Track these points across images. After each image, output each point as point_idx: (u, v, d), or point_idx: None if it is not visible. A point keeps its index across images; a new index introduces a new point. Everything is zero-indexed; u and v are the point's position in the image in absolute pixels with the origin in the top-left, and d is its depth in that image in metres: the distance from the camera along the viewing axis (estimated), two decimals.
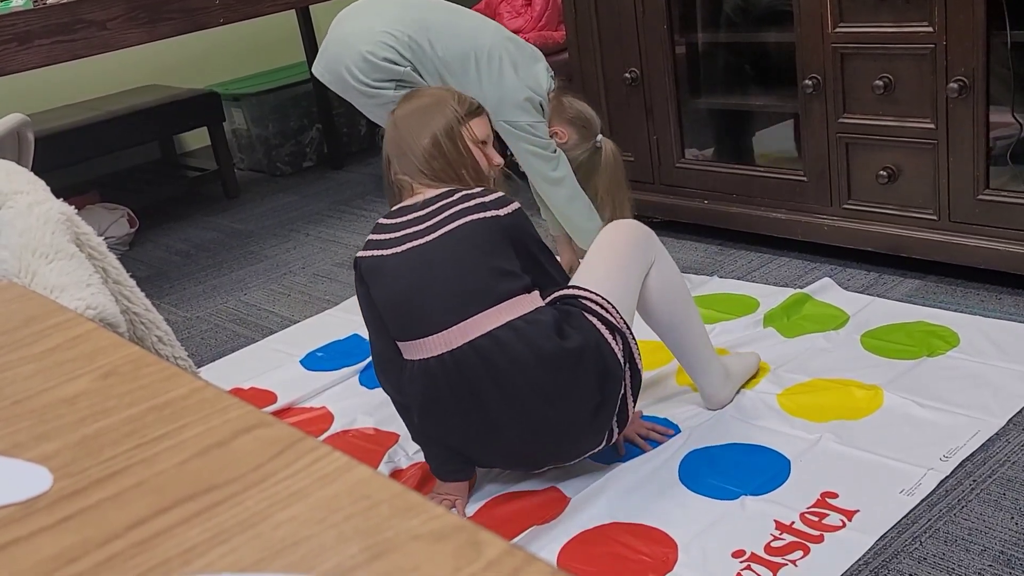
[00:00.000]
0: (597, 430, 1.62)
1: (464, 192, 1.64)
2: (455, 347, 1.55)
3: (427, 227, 1.61)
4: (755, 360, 1.96)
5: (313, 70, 2.40)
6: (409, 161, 1.71)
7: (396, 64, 2.20)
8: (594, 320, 1.59)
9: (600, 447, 1.66)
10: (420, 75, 2.22)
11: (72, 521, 0.44)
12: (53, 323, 0.66)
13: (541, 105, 2.27)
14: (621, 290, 1.66)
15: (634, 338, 1.65)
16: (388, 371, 1.67)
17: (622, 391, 1.62)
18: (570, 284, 1.67)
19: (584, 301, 1.61)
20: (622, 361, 1.60)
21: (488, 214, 1.60)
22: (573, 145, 2.30)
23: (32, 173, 1.06)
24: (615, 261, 1.69)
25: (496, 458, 1.69)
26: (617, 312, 1.62)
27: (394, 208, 1.69)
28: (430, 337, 1.57)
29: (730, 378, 1.87)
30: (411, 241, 1.60)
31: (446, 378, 1.57)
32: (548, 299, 1.63)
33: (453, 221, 1.59)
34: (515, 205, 1.64)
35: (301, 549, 0.40)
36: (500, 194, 1.66)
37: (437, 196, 1.64)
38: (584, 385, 1.57)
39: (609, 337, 1.58)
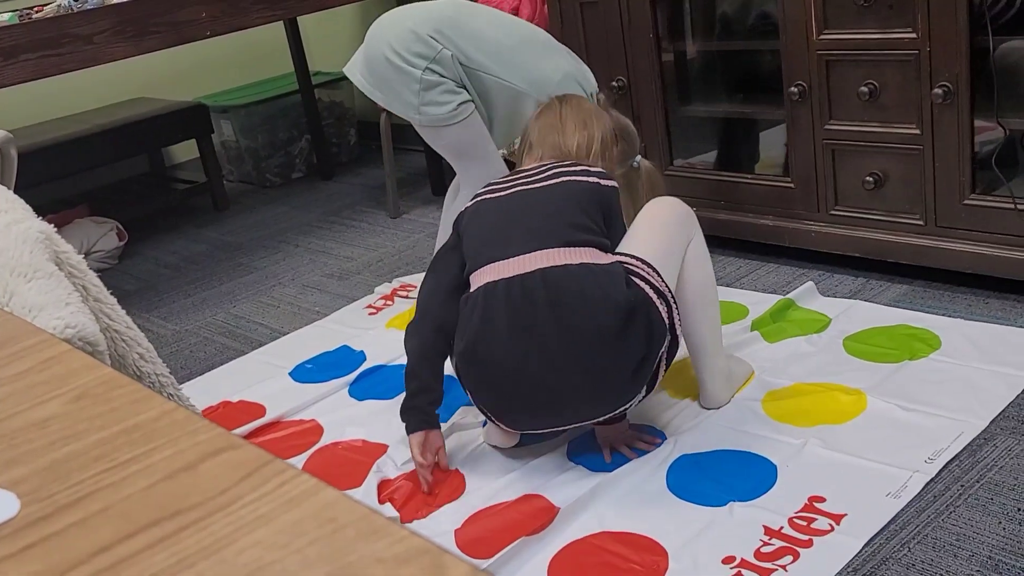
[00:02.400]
0: (634, 386, 1.65)
1: (575, 161, 1.84)
2: (528, 271, 1.63)
3: (534, 179, 1.79)
4: (748, 368, 1.97)
5: (345, 69, 2.41)
6: (562, 141, 1.91)
7: (436, 41, 2.20)
8: (641, 284, 1.64)
9: (629, 406, 1.68)
10: (459, 61, 2.21)
11: (37, 548, 0.44)
12: (27, 345, 0.66)
13: (591, 96, 2.26)
14: (664, 259, 1.72)
15: (677, 307, 1.69)
16: (429, 314, 1.73)
17: (663, 353, 1.66)
18: (617, 251, 1.71)
19: (631, 266, 1.66)
20: (667, 325, 1.64)
21: (591, 179, 1.77)
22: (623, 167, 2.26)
23: (11, 192, 1.06)
24: (660, 232, 1.76)
25: (526, 401, 1.65)
26: (663, 279, 1.67)
27: (510, 173, 1.89)
28: (506, 261, 1.66)
29: (731, 380, 1.89)
30: (517, 187, 1.79)
31: (507, 301, 1.61)
32: None
33: (558, 177, 1.78)
34: (615, 183, 1.80)
35: (265, 575, 0.40)
36: (605, 171, 1.82)
37: (552, 163, 1.84)
38: (634, 336, 1.60)
39: (656, 300, 1.63)
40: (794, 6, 2.22)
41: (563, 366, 1.60)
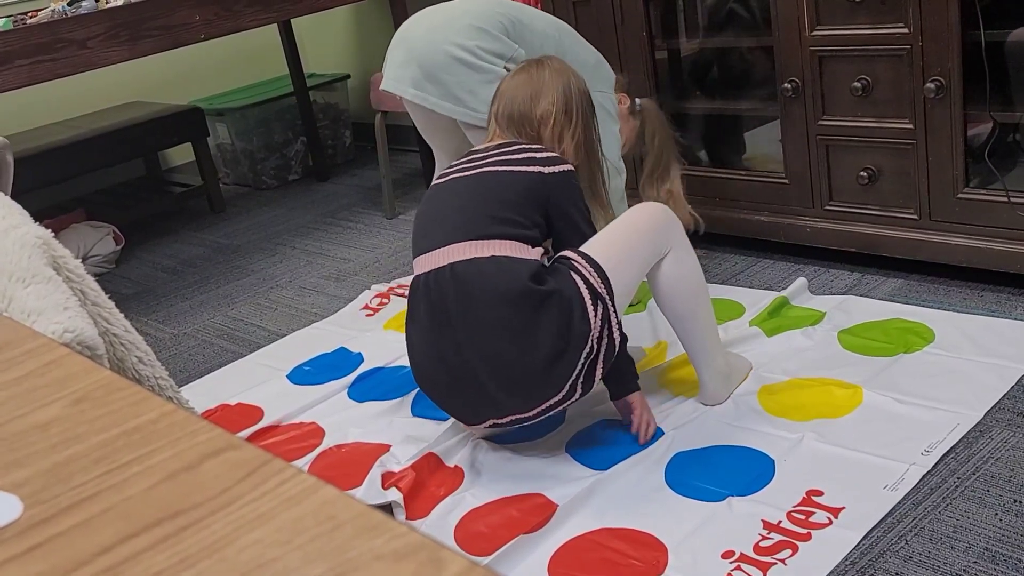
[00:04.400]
0: (556, 381, 1.63)
1: (524, 145, 1.77)
2: (440, 266, 1.65)
3: (475, 165, 1.75)
4: (746, 364, 1.98)
5: (384, 85, 2.21)
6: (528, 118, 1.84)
7: (508, 38, 2.10)
8: (578, 279, 1.63)
9: (559, 400, 1.66)
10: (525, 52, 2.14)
11: (40, 549, 0.44)
12: (26, 349, 0.67)
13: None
14: (620, 266, 1.69)
15: (616, 312, 1.67)
16: None
17: (590, 352, 1.63)
18: (574, 249, 1.71)
19: (574, 263, 1.66)
20: (595, 325, 1.62)
21: (532, 169, 1.72)
22: (629, 111, 2.27)
23: (8, 197, 1.07)
24: (626, 238, 1.74)
25: (451, 395, 1.70)
26: (603, 282, 1.65)
27: (467, 151, 1.85)
28: (427, 254, 1.69)
29: (729, 379, 1.89)
30: (456, 174, 1.76)
31: (427, 296, 1.66)
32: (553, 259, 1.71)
33: (496, 166, 1.73)
34: (565, 167, 1.75)
35: (266, 572, 0.41)
36: (555, 155, 1.76)
37: (502, 144, 1.79)
38: (544, 328, 1.59)
39: (587, 298, 1.62)
40: (787, 3, 2.23)
41: (472, 361, 1.62)
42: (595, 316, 1.62)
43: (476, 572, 0.39)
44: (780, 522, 1.53)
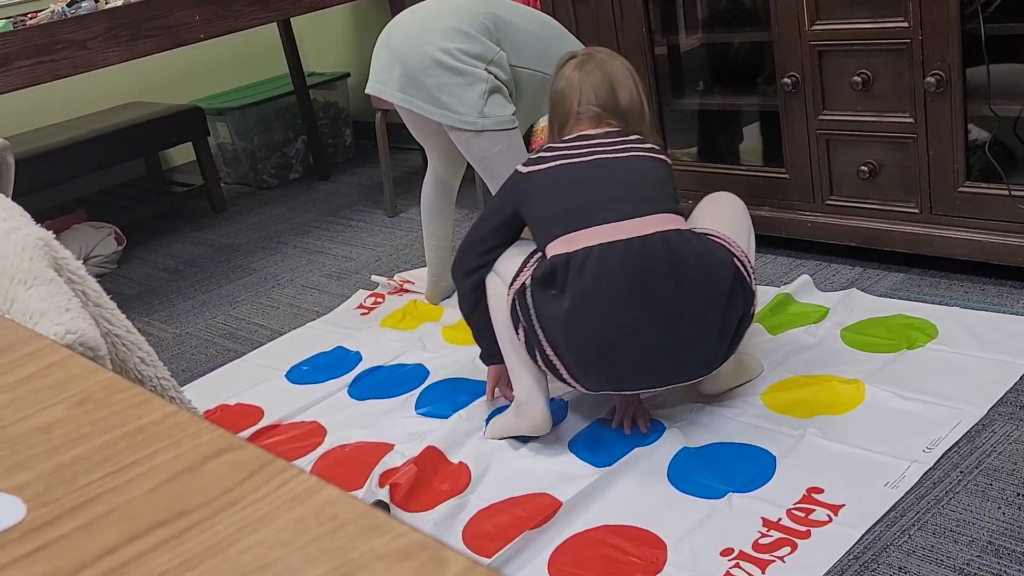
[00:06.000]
0: (731, 346, 1.74)
1: (637, 136, 1.85)
2: (646, 233, 1.67)
3: (616, 149, 1.79)
4: (758, 368, 1.96)
5: (369, 88, 2.21)
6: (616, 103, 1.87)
7: (489, 40, 2.08)
8: (731, 253, 1.74)
9: (716, 367, 1.75)
10: (508, 56, 2.12)
11: (44, 551, 0.44)
12: (28, 351, 0.67)
13: None
14: (741, 237, 1.83)
15: (755, 279, 1.80)
16: (473, 269, 1.85)
17: (746, 325, 1.76)
18: (712, 230, 1.80)
19: (713, 237, 1.76)
20: (755, 292, 1.77)
21: (660, 156, 1.83)
22: None
23: (9, 199, 1.07)
24: (735, 215, 1.89)
25: (631, 360, 1.67)
26: (742, 248, 1.78)
27: (574, 135, 1.84)
28: (622, 222, 1.68)
29: (726, 378, 1.89)
30: (600, 155, 1.78)
31: (626, 262, 1.65)
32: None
33: (639, 152, 1.80)
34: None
35: (268, 573, 0.41)
36: (655, 146, 1.86)
37: (616, 131, 1.84)
38: (739, 297, 1.71)
39: (744, 270, 1.74)
40: None
41: (680, 326, 1.66)
42: (752, 285, 1.75)
43: (478, 571, 0.39)
44: (780, 519, 1.53)
